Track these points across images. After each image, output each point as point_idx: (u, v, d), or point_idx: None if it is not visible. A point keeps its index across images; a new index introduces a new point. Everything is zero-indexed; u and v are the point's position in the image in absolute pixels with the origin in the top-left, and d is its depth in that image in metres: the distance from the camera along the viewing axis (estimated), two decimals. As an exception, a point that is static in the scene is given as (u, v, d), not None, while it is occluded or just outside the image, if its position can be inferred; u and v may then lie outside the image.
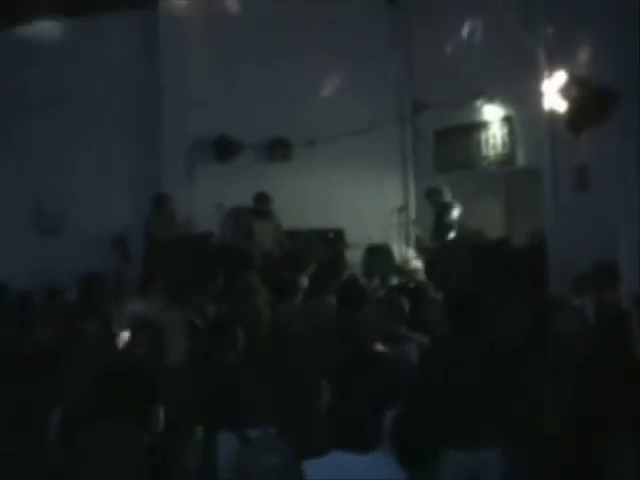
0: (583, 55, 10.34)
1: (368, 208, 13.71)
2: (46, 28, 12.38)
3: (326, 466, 3.96)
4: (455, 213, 12.57)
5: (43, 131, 12.56)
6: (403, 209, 13.99)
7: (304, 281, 9.22)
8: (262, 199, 12.75)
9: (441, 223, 12.66)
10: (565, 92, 10.50)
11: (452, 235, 12.50)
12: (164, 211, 12.53)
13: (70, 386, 6.05)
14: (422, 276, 11.83)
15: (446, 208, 12.62)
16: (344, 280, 9.92)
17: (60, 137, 12.66)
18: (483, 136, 13.46)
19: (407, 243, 13.52)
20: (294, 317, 7.91)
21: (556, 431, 5.26)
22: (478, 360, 5.62)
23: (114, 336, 7.22)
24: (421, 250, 12.98)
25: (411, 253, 13.18)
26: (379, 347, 6.62)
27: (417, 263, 12.51)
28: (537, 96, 11.04)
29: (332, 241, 13.29)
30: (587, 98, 10.16)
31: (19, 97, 12.45)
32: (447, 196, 12.79)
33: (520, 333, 6.56)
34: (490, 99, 13.12)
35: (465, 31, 13.08)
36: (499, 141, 13.23)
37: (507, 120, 13.06)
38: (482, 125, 13.43)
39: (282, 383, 5.66)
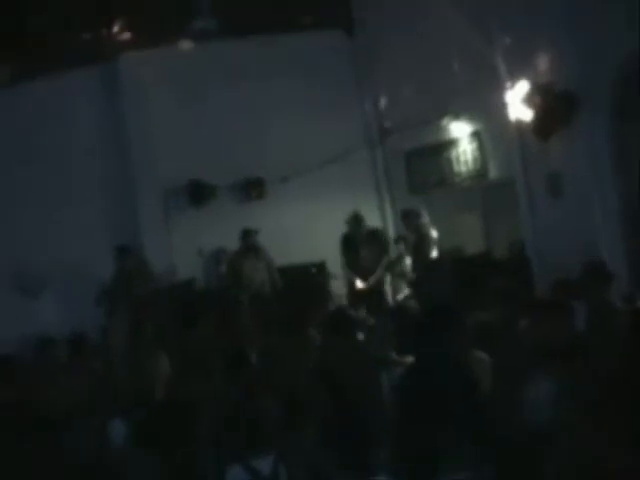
0: (542, 62, 10.44)
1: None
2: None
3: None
4: (433, 234, 12.46)
5: (15, 190, 12.60)
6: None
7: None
8: (248, 235, 12.72)
9: (420, 246, 12.50)
10: (529, 101, 10.59)
11: (433, 255, 12.36)
12: (130, 263, 12.47)
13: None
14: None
15: (420, 229, 12.52)
16: (332, 311, 9.96)
17: (34, 195, 12.69)
18: (454, 153, 13.44)
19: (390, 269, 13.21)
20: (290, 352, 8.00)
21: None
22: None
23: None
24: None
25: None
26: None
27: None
28: (502, 108, 11.12)
29: (315, 275, 13.28)
30: (551, 104, 10.26)
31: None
32: (423, 216, 12.68)
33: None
34: (456, 116, 13.09)
35: (423, 51, 12.96)
36: (470, 157, 13.22)
37: (475, 135, 13.06)
38: (451, 142, 13.40)
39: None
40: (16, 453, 5.45)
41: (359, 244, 12.56)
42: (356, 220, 12.61)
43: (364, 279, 12.51)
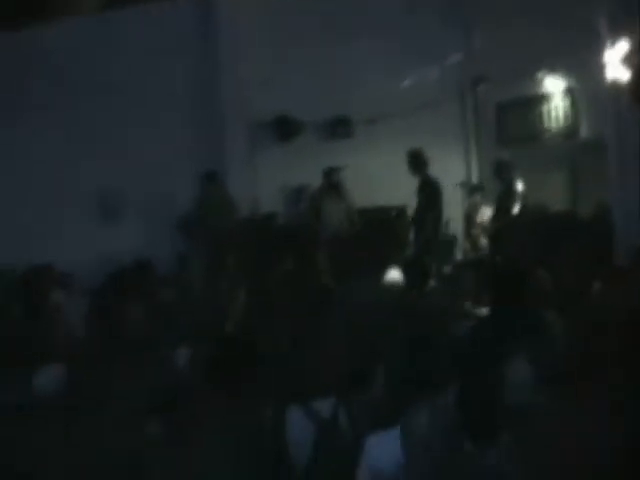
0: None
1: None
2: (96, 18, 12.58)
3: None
4: (520, 187, 12.31)
5: (104, 116, 12.57)
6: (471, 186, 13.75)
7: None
8: (332, 173, 12.71)
9: (505, 199, 12.39)
10: (628, 61, 10.38)
11: (517, 210, 12.26)
12: (215, 191, 12.45)
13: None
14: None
15: (511, 182, 12.37)
16: (407, 258, 10.05)
17: (122, 121, 12.64)
18: (545, 108, 13.29)
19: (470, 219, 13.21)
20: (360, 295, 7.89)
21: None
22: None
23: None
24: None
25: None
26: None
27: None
28: (600, 66, 10.95)
29: (395, 219, 13.11)
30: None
31: (75, 84, 12.47)
32: (514, 169, 12.51)
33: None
34: (552, 70, 12.95)
35: (523, 2, 12.57)
36: (562, 113, 13.09)
37: (570, 92, 12.93)
38: (544, 97, 13.27)
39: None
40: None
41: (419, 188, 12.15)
42: (414, 158, 12.08)
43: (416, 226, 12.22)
